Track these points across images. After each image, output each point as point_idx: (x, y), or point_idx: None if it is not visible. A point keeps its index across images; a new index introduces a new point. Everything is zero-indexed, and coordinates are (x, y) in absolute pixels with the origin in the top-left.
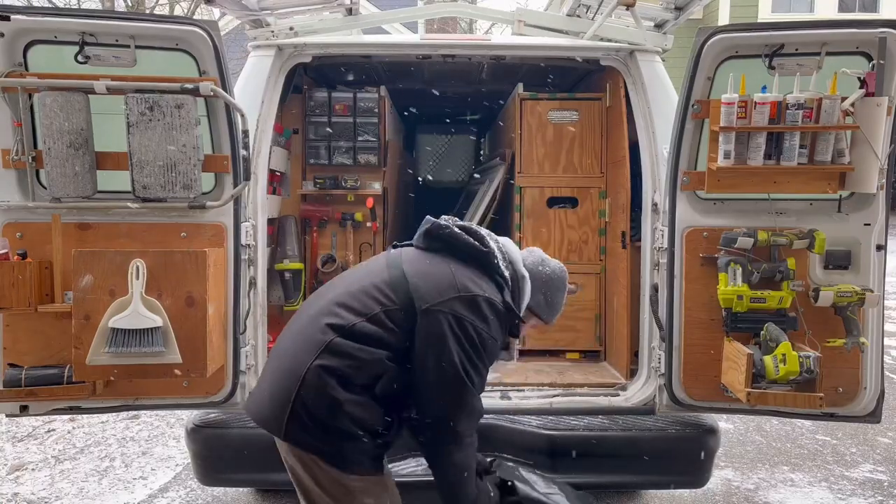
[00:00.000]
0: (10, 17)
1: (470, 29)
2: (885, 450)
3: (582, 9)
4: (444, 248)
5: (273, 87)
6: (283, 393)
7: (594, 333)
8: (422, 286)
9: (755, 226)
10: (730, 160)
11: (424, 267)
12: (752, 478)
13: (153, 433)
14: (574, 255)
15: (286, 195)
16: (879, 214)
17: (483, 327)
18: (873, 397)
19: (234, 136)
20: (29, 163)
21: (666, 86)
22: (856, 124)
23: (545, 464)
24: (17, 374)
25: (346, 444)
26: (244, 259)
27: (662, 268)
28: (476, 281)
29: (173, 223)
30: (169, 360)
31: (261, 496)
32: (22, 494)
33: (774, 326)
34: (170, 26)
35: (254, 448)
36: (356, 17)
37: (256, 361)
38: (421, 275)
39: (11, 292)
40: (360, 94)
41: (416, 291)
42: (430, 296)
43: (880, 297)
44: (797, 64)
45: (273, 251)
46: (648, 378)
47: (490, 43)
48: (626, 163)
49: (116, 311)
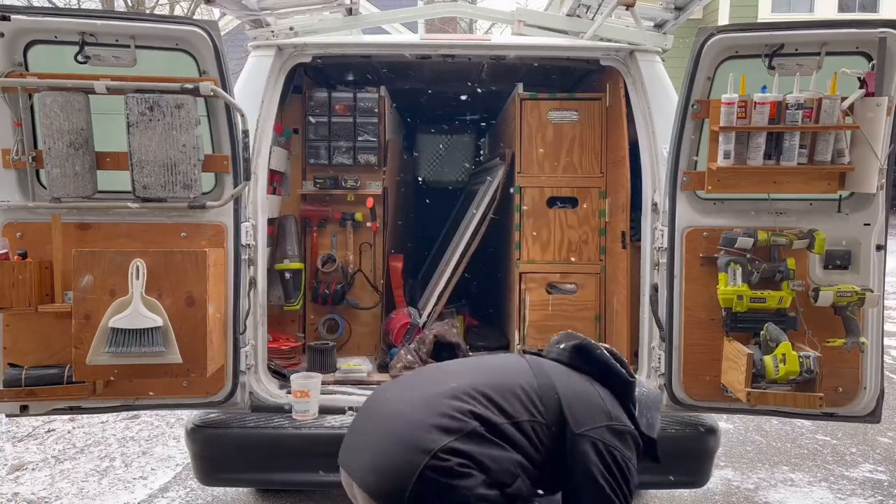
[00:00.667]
0: (10, 17)
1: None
2: (885, 450)
3: (582, 9)
4: (592, 370)
5: (273, 87)
6: (406, 466)
7: (594, 333)
8: (576, 406)
9: (755, 226)
10: (730, 160)
11: (575, 386)
12: (752, 478)
13: (153, 433)
14: (574, 255)
15: (286, 195)
16: (879, 214)
17: (630, 456)
18: (873, 397)
19: (235, 136)
20: (29, 163)
21: (666, 86)
22: (856, 124)
23: None
24: (17, 373)
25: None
26: (244, 259)
27: (662, 268)
28: (618, 408)
29: (173, 223)
30: (169, 359)
31: (261, 496)
32: (22, 494)
33: (774, 326)
34: (170, 26)
35: (254, 448)
36: (356, 17)
37: (256, 361)
38: (574, 395)
39: (11, 292)
40: (360, 94)
41: (570, 411)
42: (583, 419)
43: (880, 297)
44: (797, 64)
45: (273, 251)
46: (648, 378)
47: (490, 43)
48: (625, 163)
49: (116, 311)
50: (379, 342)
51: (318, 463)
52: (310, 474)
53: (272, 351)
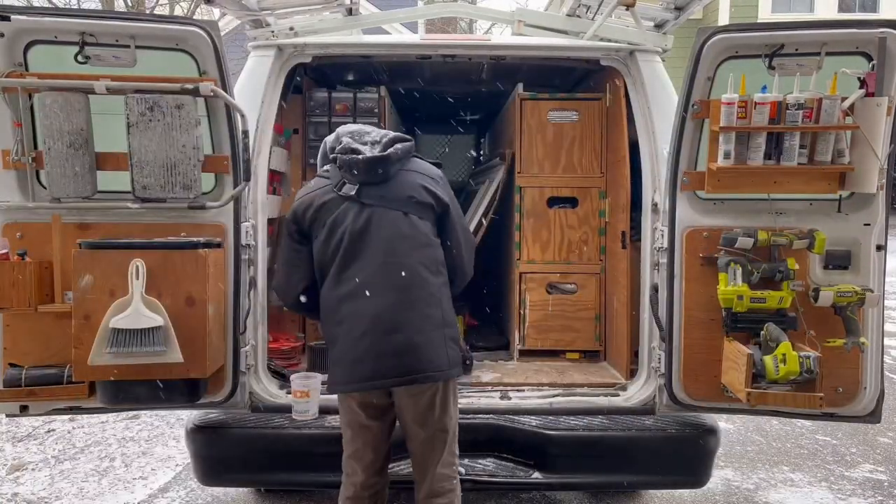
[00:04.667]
0: (10, 17)
1: (470, 29)
2: (885, 450)
3: (582, 9)
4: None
5: (273, 87)
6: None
7: (594, 333)
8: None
9: (755, 226)
10: (730, 160)
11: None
12: (752, 478)
13: (153, 433)
14: (574, 255)
15: (286, 195)
16: (879, 214)
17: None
18: (873, 397)
19: (235, 137)
20: (29, 163)
21: (666, 86)
22: (856, 124)
23: (545, 464)
24: (17, 374)
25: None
26: (244, 259)
27: (662, 268)
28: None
29: (173, 223)
30: (170, 359)
31: (261, 496)
32: (22, 494)
33: (774, 326)
34: (170, 26)
35: (254, 448)
36: (356, 18)
37: (256, 361)
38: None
39: (11, 292)
40: (360, 94)
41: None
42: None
43: (880, 297)
44: (797, 64)
45: (273, 251)
46: (648, 378)
47: (490, 43)
48: (626, 163)
49: (117, 311)
50: None
51: (318, 463)
52: (310, 474)
53: (272, 351)
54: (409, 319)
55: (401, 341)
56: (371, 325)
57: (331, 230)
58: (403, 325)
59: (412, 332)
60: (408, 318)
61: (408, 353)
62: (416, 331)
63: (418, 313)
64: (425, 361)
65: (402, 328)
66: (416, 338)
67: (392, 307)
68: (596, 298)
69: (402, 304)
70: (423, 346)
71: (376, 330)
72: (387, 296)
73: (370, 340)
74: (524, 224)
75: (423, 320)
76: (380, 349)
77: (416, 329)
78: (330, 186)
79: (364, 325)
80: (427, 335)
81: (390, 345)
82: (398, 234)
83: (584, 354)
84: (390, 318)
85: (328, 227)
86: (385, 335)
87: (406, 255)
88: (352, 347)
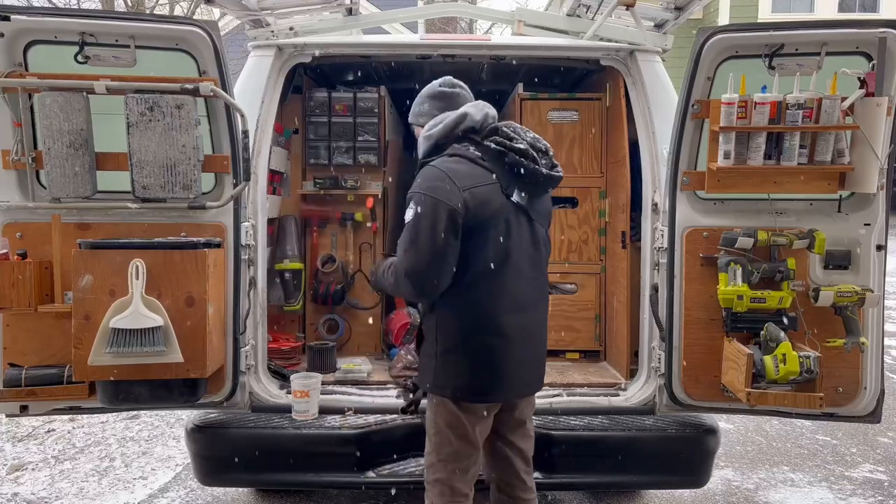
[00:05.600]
0: (10, 17)
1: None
2: (885, 450)
3: (582, 9)
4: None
5: (273, 87)
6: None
7: (594, 333)
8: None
9: (755, 226)
10: (730, 160)
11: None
12: (752, 478)
13: (153, 433)
14: (574, 255)
15: (286, 195)
16: (879, 214)
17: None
18: (873, 397)
19: (234, 137)
20: (29, 163)
21: (666, 86)
22: (856, 124)
23: (545, 464)
24: (17, 373)
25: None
26: (244, 259)
27: (662, 268)
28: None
29: (173, 223)
30: (170, 359)
31: (261, 496)
32: (22, 494)
33: (774, 326)
34: (170, 26)
35: (254, 448)
36: (356, 17)
37: (256, 361)
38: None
39: (11, 292)
40: (360, 94)
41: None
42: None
43: (880, 297)
44: (797, 64)
45: (273, 251)
46: (648, 378)
47: (490, 43)
48: (626, 163)
49: (117, 311)
50: (379, 342)
51: (318, 463)
52: (310, 474)
53: (272, 351)
54: (543, 333)
55: (541, 353)
56: (526, 337)
57: (493, 235)
58: (541, 339)
59: (543, 344)
60: (543, 332)
61: (542, 363)
62: (544, 343)
63: (546, 327)
64: (543, 370)
65: (541, 342)
66: (544, 348)
67: (541, 322)
68: (596, 298)
69: (542, 320)
70: (545, 357)
71: (528, 342)
72: (538, 310)
73: (527, 351)
74: None
75: (546, 333)
76: (531, 358)
77: (545, 342)
78: (497, 186)
79: (522, 336)
80: (545, 348)
81: (536, 355)
82: (545, 252)
83: (584, 354)
84: (538, 332)
85: (490, 228)
86: (534, 347)
87: (545, 273)
88: (506, 358)
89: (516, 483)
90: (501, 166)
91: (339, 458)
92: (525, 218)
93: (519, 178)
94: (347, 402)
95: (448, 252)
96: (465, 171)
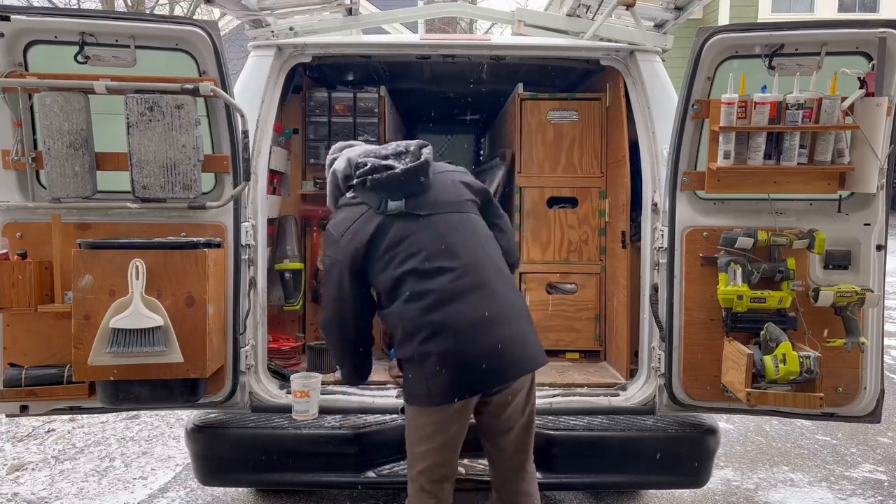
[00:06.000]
0: (10, 17)
1: (470, 29)
2: (885, 450)
3: (582, 9)
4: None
5: (273, 87)
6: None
7: (594, 333)
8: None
9: (755, 226)
10: (730, 160)
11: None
12: (752, 478)
13: (153, 433)
14: (574, 255)
15: (286, 195)
16: (879, 214)
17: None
18: (873, 397)
19: (234, 137)
20: (29, 163)
21: (666, 86)
22: (856, 124)
23: (545, 464)
24: (17, 373)
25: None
26: (244, 259)
27: (662, 268)
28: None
29: (173, 223)
30: (170, 359)
31: (261, 496)
32: (22, 494)
33: (774, 326)
34: (170, 26)
35: (254, 448)
36: (356, 17)
37: (256, 362)
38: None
39: (11, 292)
40: (360, 94)
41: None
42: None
43: (880, 297)
44: (797, 64)
45: (273, 251)
46: (648, 378)
47: (490, 43)
48: (626, 163)
49: (117, 311)
50: (378, 342)
51: (318, 463)
52: (310, 474)
53: (272, 351)
54: (507, 308)
55: (511, 332)
56: (478, 322)
57: (391, 252)
58: (507, 316)
59: (511, 323)
60: (505, 308)
61: (518, 342)
62: (513, 322)
63: (510, 305)
64: (528, 349)
65: (506, 322)
66: (516, 327)
67: (499, 296)
68: (596, 298)
69: (501, 294)
70: (527, 334)
71: (486, 327)
72: (487, 287)
73: (487, 335)
74: (524, 224)
75: (515, 311)
76: (496, 341)
77: (513, 320)
78: (371, 211)
79: (466, 328)
80: (521, 326)
81: (503, 336)
82: (468, 235)
83: (584, 354)
84: (498, 310)
85: (385, 249)
86: (496, 330)
87: (483, 253)
88: (455, 353)
89: (512, 486)
90: (366, 192)
91: (338, 458)
92: (414, 218)
93: (382, 189)
94: (347, 401)
95: (362, 295)
96: (342, 218)
